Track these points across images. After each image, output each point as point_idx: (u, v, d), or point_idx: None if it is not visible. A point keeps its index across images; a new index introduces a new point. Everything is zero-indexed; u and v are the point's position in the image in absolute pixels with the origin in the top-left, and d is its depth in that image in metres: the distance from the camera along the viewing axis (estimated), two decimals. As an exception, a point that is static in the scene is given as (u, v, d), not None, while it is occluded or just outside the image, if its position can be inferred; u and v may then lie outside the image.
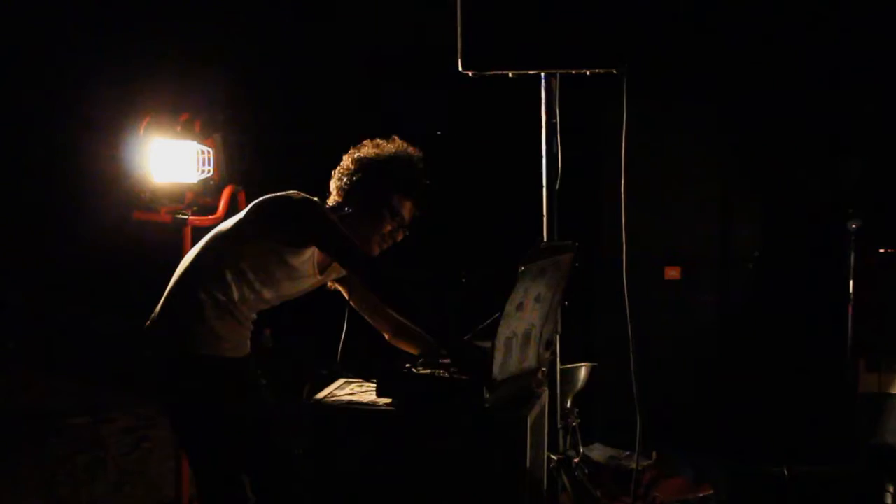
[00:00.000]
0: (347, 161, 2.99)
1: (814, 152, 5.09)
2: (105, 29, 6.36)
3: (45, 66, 6.56)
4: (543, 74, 3.52)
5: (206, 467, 2.89)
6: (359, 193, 2.95)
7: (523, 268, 2.58)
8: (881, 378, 4.51)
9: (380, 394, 2.80)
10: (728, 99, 5.11)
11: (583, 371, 4.02)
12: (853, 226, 4.54)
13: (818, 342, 4.86)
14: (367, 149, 2.99)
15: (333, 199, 2.99)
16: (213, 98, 4.35)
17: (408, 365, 2.83)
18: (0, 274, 6.66)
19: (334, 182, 3.00)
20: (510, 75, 3.48)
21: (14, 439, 5.05)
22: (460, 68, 3.42)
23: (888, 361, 4.52)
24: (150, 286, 3.08)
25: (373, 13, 5.56)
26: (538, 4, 3.37)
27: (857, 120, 5.06)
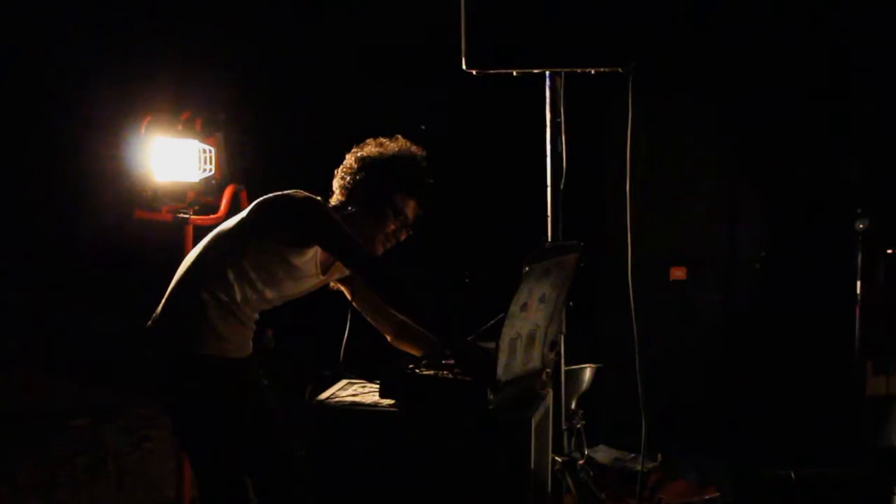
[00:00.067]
0: (350, 160, 2.97)
1: (821, 152, 5.06)
2: (106, 28, 6.37)
3: (46, 66, 6.56)
4: (548, 73, 3.52)
5: (209, 469, 2.88)
6: (362, 192, 2.93)
7: (528, 268, 2.57)
8: (889, 380, 4.50)
9: (383, 395, 2.79)
10: (734, 98, 5.08)
11: (587, 372, 4.02)
12: (860, 226, 4.52)
13: (825, 344, 4.84)
14: (371, 147, 2.97)
15: (336, 199, 2.97)
16: (215, 96, 4.33)
17: (411, 366, 2.82)
18: (0, 274, 6.65)
19: (337, 181, 2.98)
20: (514, 74, 3.47)
21: (14, 440, 5.04)
22: (464, 67, 3.42)
23: (896, 364, 4.52)
24: (152, 286, 3.08)
25: (376, 11, 5.54)
26: (543, 2, 3.36)
27: (862, 120, 5.03)
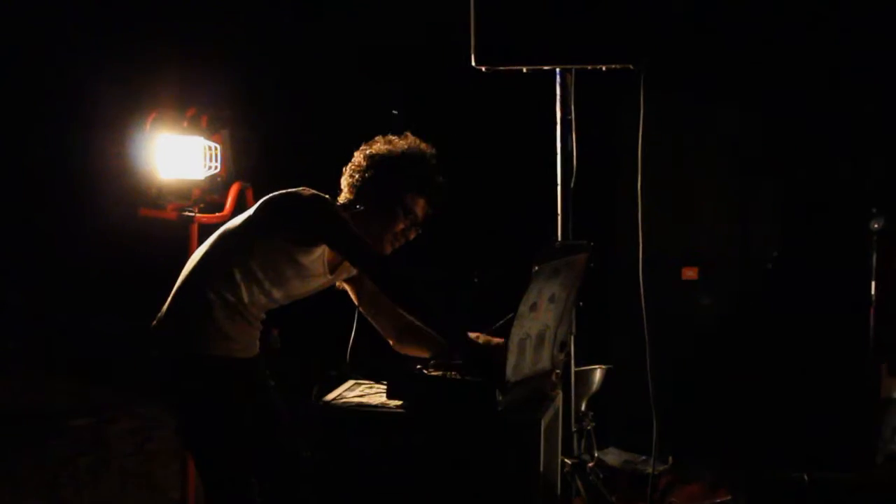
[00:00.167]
0: (359, 158, 2.94)
1: (837, 151, 5.02)
2: (111, 25, 6.36)
3: (48, 65, 6.56)
4: (558, 70, 3.50)
5: (214, 469, 2.86)
6: (371, 191, 2.89)
7: (537, 268, 2.56)
8: (903, 383, 4.46)
9: (390, 395, 2.78)
10: (748, 97, 5.06)
11: (598, 373, 4.01)
12: (875, 226, 4.48)
13: (839, 345, 4.81)
14: (380, 145, 2.94)
15: (345, 197, 2.94)
16: (220, 94, 4.33)
17: (419, 366, 2.81)
18: (0, 274, 6.65)
19: (346, 179, 2.95)
20: (524, 71, 3.45)
21: (14, 440, 5.04)
22: (473, 63, 3.39)
23: (910, 366, 4.48)
24: (156, 284, 3.06)
25: (383, 9, 5.52)
26: (554, -1, 3.33)
27: (878, 119, 4.99)
